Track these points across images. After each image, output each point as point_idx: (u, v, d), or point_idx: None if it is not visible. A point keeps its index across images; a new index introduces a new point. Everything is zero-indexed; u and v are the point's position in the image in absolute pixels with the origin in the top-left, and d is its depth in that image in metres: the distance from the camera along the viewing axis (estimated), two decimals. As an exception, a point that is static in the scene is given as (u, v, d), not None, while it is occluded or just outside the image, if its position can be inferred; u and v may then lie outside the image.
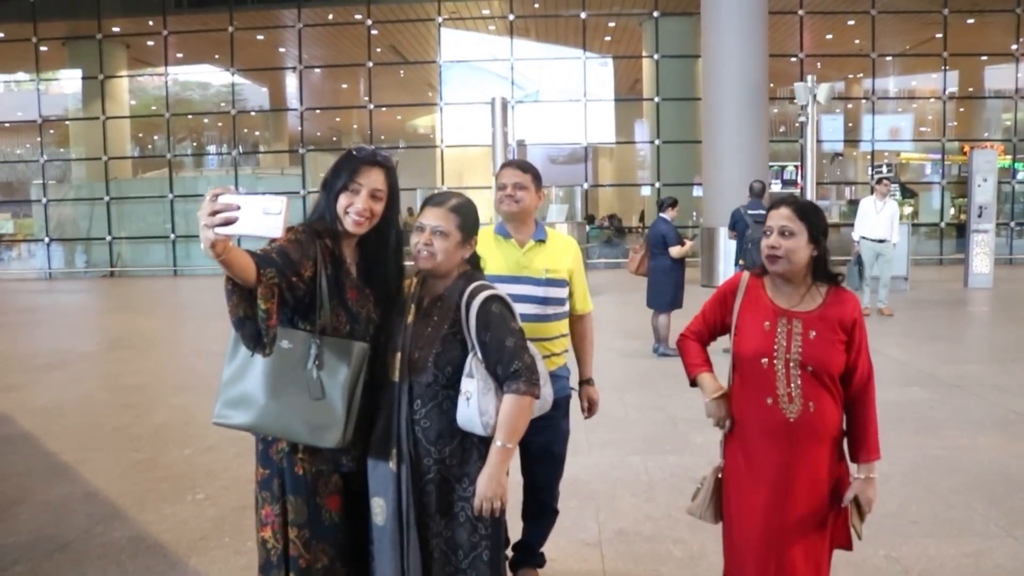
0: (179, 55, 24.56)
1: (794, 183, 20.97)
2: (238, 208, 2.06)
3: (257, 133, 27.51)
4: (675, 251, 8.93)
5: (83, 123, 24.64)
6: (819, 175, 19.69)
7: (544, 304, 3.27)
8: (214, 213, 2.05)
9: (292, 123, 24.83)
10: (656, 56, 22.33)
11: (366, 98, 23.46)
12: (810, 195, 16.09)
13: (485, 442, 2.50)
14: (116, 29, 24.15)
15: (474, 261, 2.69)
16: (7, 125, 26.43)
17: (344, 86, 26.38)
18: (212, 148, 26.77)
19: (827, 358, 2.57)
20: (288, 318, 2.46)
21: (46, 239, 24.07)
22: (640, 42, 23.67)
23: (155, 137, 25.07)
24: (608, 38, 24.34)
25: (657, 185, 22.04)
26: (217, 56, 23.91)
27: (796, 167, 19.92)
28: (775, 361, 2.59)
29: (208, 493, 4.94)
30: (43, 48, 24.20)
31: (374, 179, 2.52)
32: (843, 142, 25.92)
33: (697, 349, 2.87)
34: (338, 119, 27.99)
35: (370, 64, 23.13)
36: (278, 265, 2.29)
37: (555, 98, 23.46)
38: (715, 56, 16.66)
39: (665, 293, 9.01)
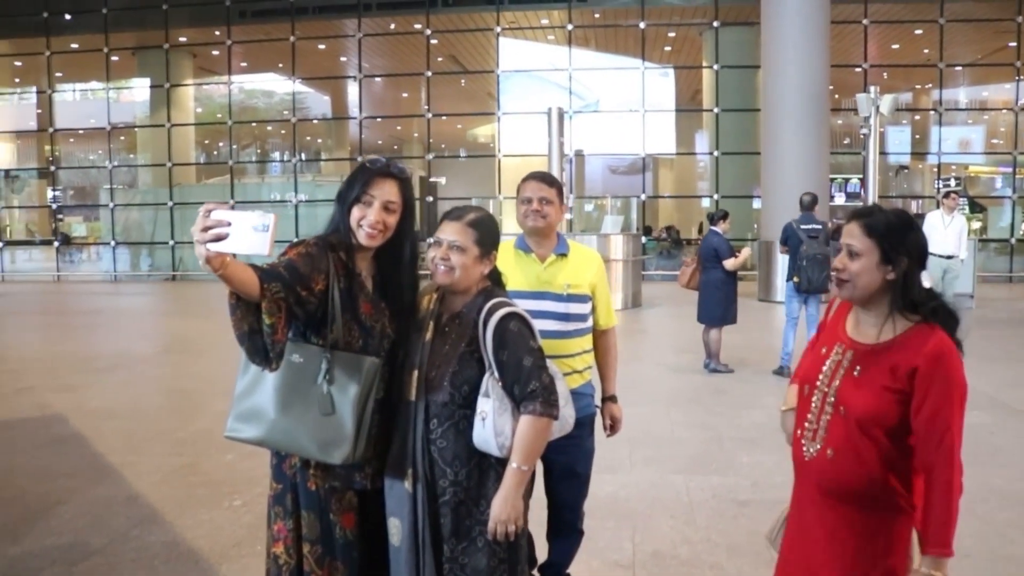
0: (243, 64, 25.05)
1: (857, 196, 20.59)
2: (229, 224, 2.02)
3: (319, 140, 27.87)
4: (730, 263, 8.78)
5: (150, 130, 25.25)
6: (884, 188, 19.28)
7: (565, 320, 3.18)
8: (206, 229, 2.01)
9: (353, 131, 25.11)
10: (716, 66, 22.11)
11: (425, 107, 23.62)
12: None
13: (503, 464, 2.43)
14: (183, 39, 24.73)
15: (495, 277, 2.63)
16: (81, 132, 27.20)
17: (404, 95, 26.60)
18: (274, 155, 27.21)
19: (862, 402, 2.15)
20: (300, 332, 2.44)
21: (112, 242, 24.69)
22: (700, 52, 23.46)
23: (219, 144, 25.53)
24: (668, 48, 24.17)
25: (715, 197, 21.79)
26: (280, 65, 24.31)
27: (861, 180, 19.53)
28: (815, 391, 2.27)
29: (245, 500, 4.96)
30: (114, 58, 24.87)
31: (387, 191, 2.48)
32: (909, 154, 25.33)
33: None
34: (399, 127, 28.22)
35: (429, 73, 23.28)
36: (285, 280, 2.26)
37: (614, 108, 23.34)
38: (775, 66, 16.42)
39: (716, 307, 8.86)
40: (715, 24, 22.01)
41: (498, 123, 23.54)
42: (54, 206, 26.63)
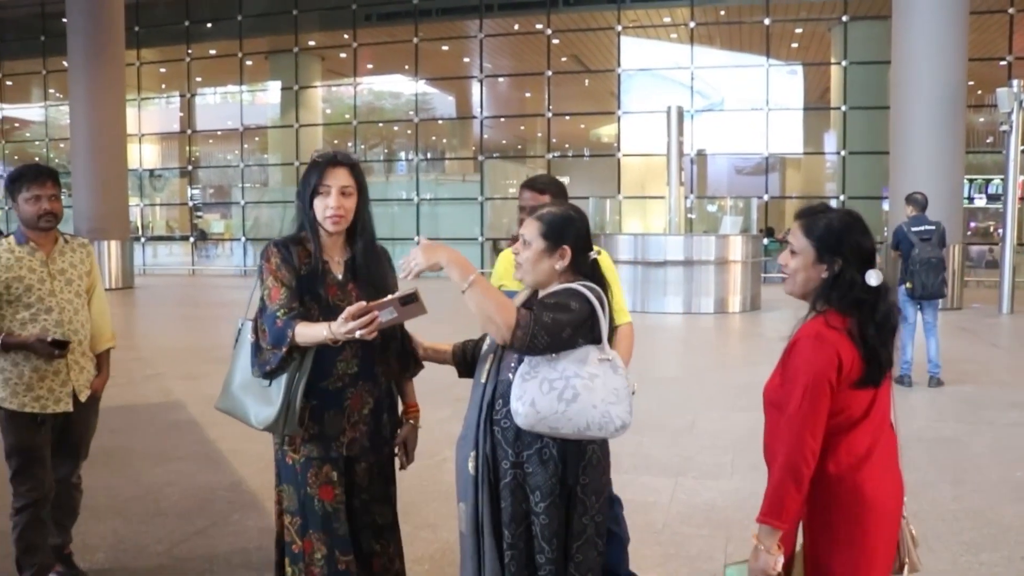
0: (369, 66, 25.68)
1: (998, 197, 19.47)
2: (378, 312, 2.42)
3: (443, 140, 28.31)
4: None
5: (280, 131, 26.24)
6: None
7: None
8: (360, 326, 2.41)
9: (475, 131, 25.42)
10: (845, 62, 21.31)
11: (547, 106, 23.67)
12: (1010, 212, 14.96)
13: (563, 456, 2.38)
14: (312, 43, 25.61)
15: (585, 271, 2.51)
16: (218, 133, 28.47)
17: (526, 94, 26.72)
18: (398, 154, 27.78)
19: (768, 385, 2.34)
20: None
21: (243, 238, 25.73)
22: (828, 48, 22.67)
23: (346, 144, 26.25)
24: (794, 45, 23.47)
25: (842, 198, 21.04)
26: (405, 66, 24.81)
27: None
28: None
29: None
30: (248, 62, 25.95)
31: (340, 177, 2.66)
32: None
33: None
34: (521, 127, 28.38)
35: (550, 73, 23.32)
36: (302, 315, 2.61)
37: (738, 107, 22.84)
38: (907, 61, 15.66)
39: None
40: (844, 19, 21.22)
41: (619, 122, 23.37)
42: (192, 204, 27.95)
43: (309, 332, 2.52)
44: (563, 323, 2.30)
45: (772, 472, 2.21)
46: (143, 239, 26.60)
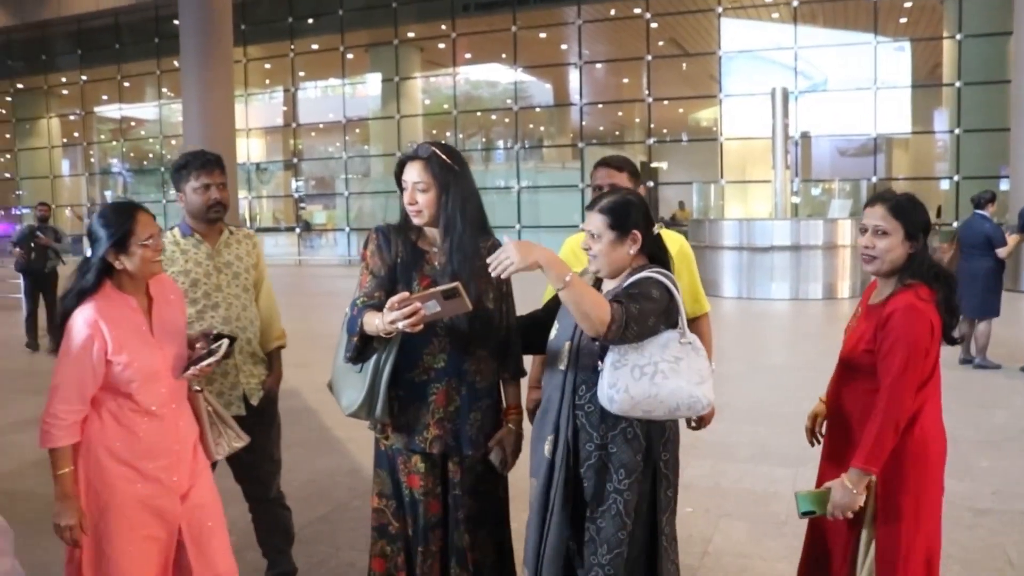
0: (467, 55, 25.86)
1: None
2: (422, 306, 2.40)
3: (541, 128, 28.32)
4: (1004, 251, 8.18)
5: (381, 122, 26.66)
6: None
7: None
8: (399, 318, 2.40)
9: (574, 118, 25.33)
10: (959, 36, 20.40)
11: (646, 92, 23.41)
12: None
13: (648, 437, 2.50)
14: (411, 34, 25.89)
15: (652, 249, 2.60)
16: (320, 126, 29.09)
17: (625, 80, 26.47)
18: (497, 143, 27.90)
19: (847, 350, 2.63)
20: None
21: (347, 228, 26.26)
22: (940, 22, 21.75)
23: (446, 133, 26.48)
24: (903, 20, 22.57)
25: (956, 179, 20.23)
26: (503, 55, 24.88)
27: None
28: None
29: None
30: (349, 56, 26.44)
31: (412, 173, 2.69)
32: None
33: None
34: (620, 113, 28.15)
35: (649, 57, 23.05)
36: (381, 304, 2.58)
37: (843, 87, 22.15)
38: (1030, 33, 14.91)
39: (986, 298, 8.27)
40: (958, -9, 20.31)
41: (720, 106, 22.97)
42: (297, 195, 28.64)
43: (369, 321, 2.55)
44: (648, 312, 2.39)
45: (870, 426, 2.44)
46: (251, 231, 27.30)
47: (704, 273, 15.40)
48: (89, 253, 2.59)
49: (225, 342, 2.76)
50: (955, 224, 19.51)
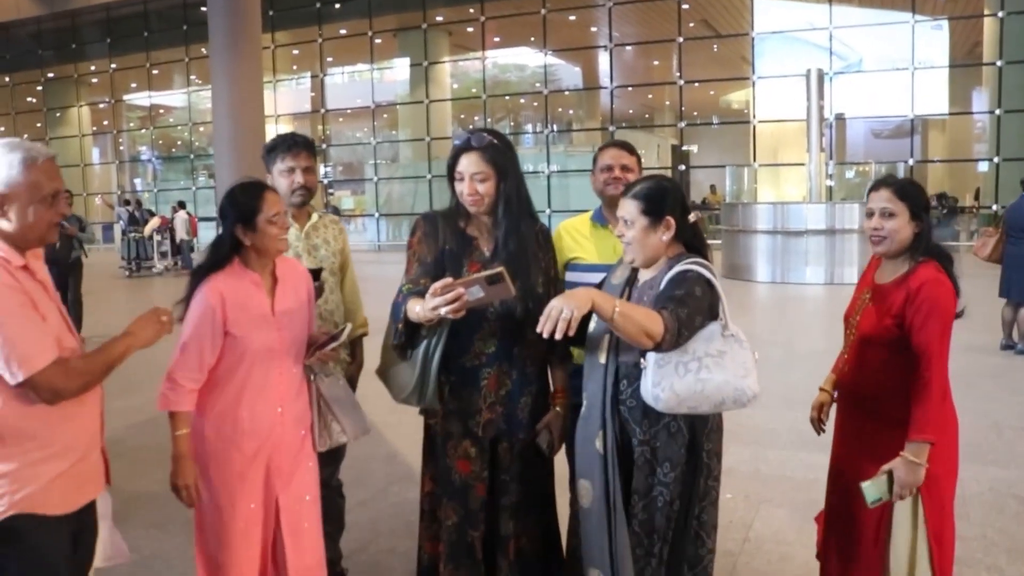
0: (496, 39, 25.69)
1: None
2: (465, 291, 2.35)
3: (571, 112, 28.12)
4: None
5: (410, 107, 26.59)
6: None
7: None
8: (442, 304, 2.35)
9: (604, 101, 25.12)
10: (1001, 13, 19.92)
11: (677, 74, 23.14)
12: None
13: (692, 428, 2.45)
14: (439, 18, 25.75)
15: (693, 246, 2.56)
16: (348, 111, 29.10)
17: (655, 63, 26.22)
18: (527, 127, 27.76)
19: (871, 327, 2.68)
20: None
21: (376, 214, 26.26)
22: (981, 0, 21.25)
23: (475, 118, 26.40)
24: (943, -2, 22.12)
25: (996, 160, 19.81)
26: (532, 38, 24.70)
27: None
28: (849, 326, 2.83)
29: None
30: (377, 41, 26.34)
31: (469, 164, 2.66)
32: None
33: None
34: (650, 96, 27.90)
35: (680, 40, 22.76)
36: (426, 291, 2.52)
37: (879, 67, 21.75)
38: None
39: None
40: (1001, -33, 19.83)
41: (753, 88, 22.66)
42: (325, 181, 28.69)
43: (411, 308, 2.53)
44: (695, 312, 2.36)
45: (920, 396, 2.52)
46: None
47: (737, 257, 15.28)
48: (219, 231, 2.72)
49: (348, 326, 2.85)
50: (995, 207, 19.18)
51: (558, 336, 2.19)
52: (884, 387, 2.66)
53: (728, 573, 3.67)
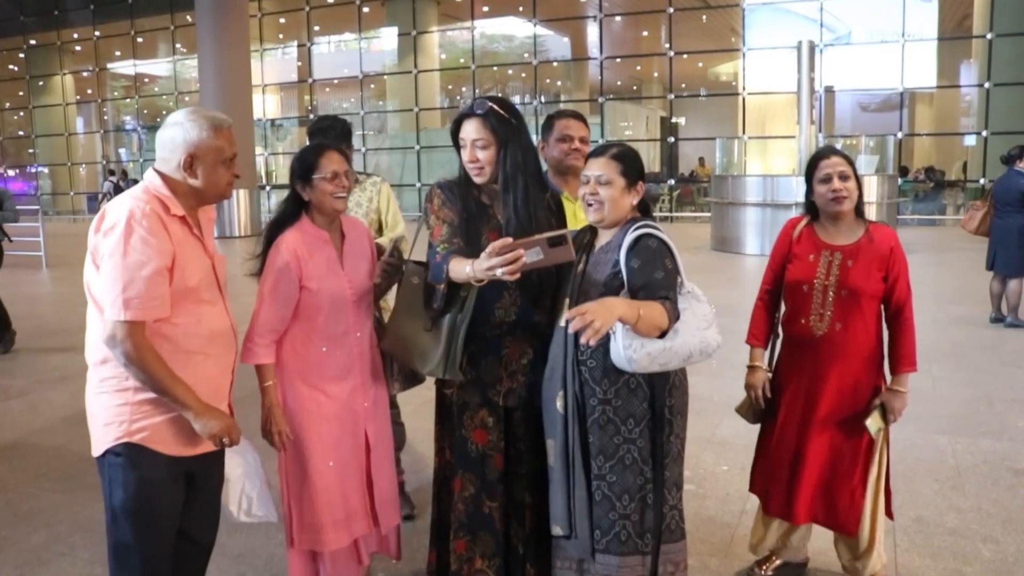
0: (484, 9, 25.47)
1: None
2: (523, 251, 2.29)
3: (559, 83, 27.97)
4: None
5: (397, 77, 26.36)
6: None
7: None
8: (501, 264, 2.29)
9: (593, 72, 24.99)
10: (992, -14, 19.84)
11: (666, 45, 23.04)
12: None
13: (651, 385, 2.53)
14: (428, -13, 25.44)
15: (644, 207, 2.67)
16: (335, 82, 28.84)
17: (644, 33, 26.08)
18: (516, 98, 27.61)
19: (862, 283, 3.01)
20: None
21: (364, 185, 26.08)
22: (972, -28, 21.17)
23: (463, 88, 26.22)
24: (933, -30, 22.03)
25: (984, 134, 19.85)
26: (520, 8, 24.50)
27: None
28: (814, 287, 3.06)
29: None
30: (365, 9, 26.06)
31: (471, 131, 2.66)
32: None
33: (763, 319, 3.27)
34: (638, 67, 27.77)
35: (671, 10, 22.64)
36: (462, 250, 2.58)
37: (868, 40, 21.69)
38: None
39: (1020, 256, 8.06)
40: (992, -62, 19.72)
41: (742, 60, 22.60)
42: (313, 152, 28.42)
43: (457, 268, 2.48)
44: (675, 287, 2.49)
45: (905, 335, 3.08)
46: (268, 188, 27.33)
47: (726, 230, 15.21)
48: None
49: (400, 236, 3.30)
50: (982, 181, 19.25)
51: (583, 341, 2.20)
52: (877, 335, 3.08)
53: (726, 544, 3.70)
